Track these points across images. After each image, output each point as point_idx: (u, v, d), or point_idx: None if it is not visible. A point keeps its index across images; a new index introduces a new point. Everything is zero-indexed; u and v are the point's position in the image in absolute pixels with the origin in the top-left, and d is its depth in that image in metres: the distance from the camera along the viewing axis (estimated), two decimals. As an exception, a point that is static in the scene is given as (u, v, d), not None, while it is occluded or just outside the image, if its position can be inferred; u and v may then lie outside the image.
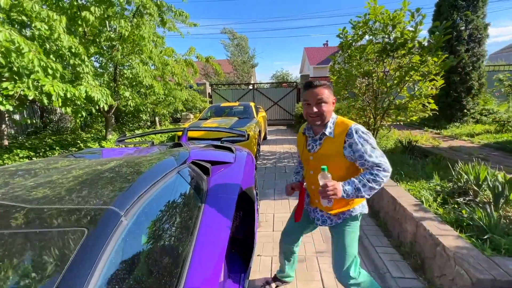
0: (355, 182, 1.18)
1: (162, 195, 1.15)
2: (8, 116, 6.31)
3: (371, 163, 1.20)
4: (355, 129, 1.24)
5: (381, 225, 2.60)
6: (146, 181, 1.09)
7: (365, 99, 5.02)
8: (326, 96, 1.24)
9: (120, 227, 0.81)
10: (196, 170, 1.68)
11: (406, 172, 3.28)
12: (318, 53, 26.24)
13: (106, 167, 1.26)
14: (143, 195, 0.99)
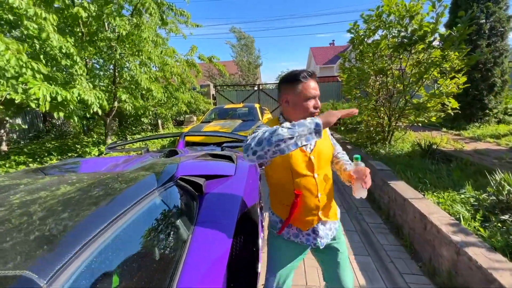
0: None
1: (126, 234, 0.83)
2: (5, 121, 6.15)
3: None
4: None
5: (406, 246, 2.23)
6: (99, 219, 0.77)
7: (379, 99, 4.64)
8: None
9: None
10: (185, 188, 1.36)
11: (429, 180, 2.89)
12: (324, 52, 25.78)
13: (57, 193, 0.94)
14: (89, 245, 0.67)
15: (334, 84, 11.07)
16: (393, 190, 2.61)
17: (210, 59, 6.52)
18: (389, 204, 2.73)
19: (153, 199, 1.06)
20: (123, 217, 0.85)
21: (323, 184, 1.13)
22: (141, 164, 1.71)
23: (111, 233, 0.76)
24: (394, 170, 3.26)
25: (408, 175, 3.11)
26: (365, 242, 2.32)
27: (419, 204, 2.18)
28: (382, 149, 4.58)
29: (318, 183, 1.10)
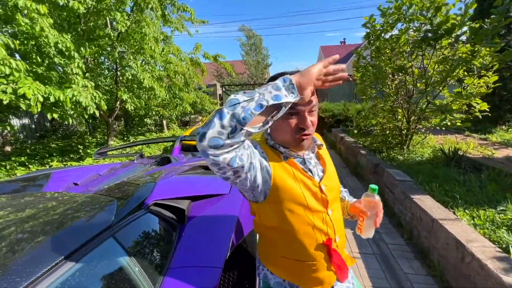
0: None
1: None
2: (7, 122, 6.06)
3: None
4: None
5: (436, 276, 1.87)
6: None
7: (397, 100, 4.23)
8: (315, 97, 0.75)
9: None
10: (161, 216, 1.06)
11: (459, 194, 2.51)
12: (334, 51, 25.16)
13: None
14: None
15: (347, 83, 10.60)
16: (418, 207, 2.24)
17: (215, 57, 6.24)
18: (412, 222, 2.37)
19: (104, 241, 0.76)
20: (50, 276, 0.56)
21: (339, 224, 0.81)
22: (116, 180, 1.43)
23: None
24: (417, 180, 2.88)
25: (433, 187, 2.73)
26: (385, 270, 1.97)
27: (453, 228, 1.81)
28: (399, 155, 4.18)
29: (334, 223, 0.78)
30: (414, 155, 4.15)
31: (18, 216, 0.79)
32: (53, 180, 1.54)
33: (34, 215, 0.80)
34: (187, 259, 0.93)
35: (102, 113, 5.64)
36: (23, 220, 0.76)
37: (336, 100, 9.79)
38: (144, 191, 1.09)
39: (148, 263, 0.85)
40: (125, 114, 9.01)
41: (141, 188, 1.12)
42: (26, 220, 0.76)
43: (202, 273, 0.89)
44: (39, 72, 3.58)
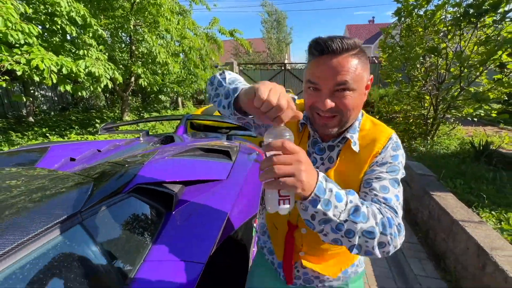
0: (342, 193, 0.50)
1: None
2: (34, 94, 6.27)
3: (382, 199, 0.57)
4: (395, 141, 0.65)
5: (450, 281, 1.71)
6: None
7: (425, 85, 3.85)
8: (355, 74, 0.55)
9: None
10: (143, 202, 0.98)
11: (487, 194, 2.26)
12: (361, 31, 23.58)
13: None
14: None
15: (371, 66, 9.93)
16: (437, 205, 2.04)
17: (231, 32, 5.94)
18: (429, 221, 2.18)
19: (70, 228, 0.68)
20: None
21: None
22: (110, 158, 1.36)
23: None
24: (439, 176, 2.64)
25: (457, 183, 2.49)
26: (393, 269, 1.84)
27: (476, 232, 1.62)
28: (422, 146, 3.87)
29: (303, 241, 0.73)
30: (439, 147, 3.82)
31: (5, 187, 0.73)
32: (50, 154, 1.50)
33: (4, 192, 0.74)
34: (167, 252, 0.85)
35: (117, 88, 5.66)
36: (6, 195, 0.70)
37: (358, 84, 9.25)
38: (128, 173, 1.00)
39: (121, 255, 0.77)
40: (141, 90, 9.07)
41: (125, 169, 1.03)
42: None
43: (180, 267, 0.80)
44: (54, 43, 3.56)
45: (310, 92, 0.60)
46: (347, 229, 0.49)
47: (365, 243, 0.50)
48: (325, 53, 0.55)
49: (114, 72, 3.85)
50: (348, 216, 0.48)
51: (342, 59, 0.54)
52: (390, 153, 0.62)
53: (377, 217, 0.51)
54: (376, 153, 0.63)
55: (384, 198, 0.57)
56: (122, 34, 5.58)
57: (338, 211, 0.48)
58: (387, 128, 0.67)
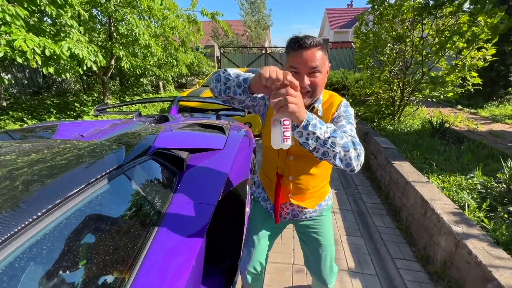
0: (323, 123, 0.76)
1: (82, 218, 0.70)
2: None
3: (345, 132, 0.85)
4: (345, 103, 0.97)
5: (402, 229, 2.15)
6: (43, 202, 0.63)
7: (394, 70, 4.26)
8: (321, 62, 0.84)
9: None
10: (162, 163, 1.22)
11: (436, 162, 2.72)
12: (340, 15, 23.84)
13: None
14: (16, 238, 0.54)
15: (348, 51, 10.33)
16: (396, 171, 2.46)
17: (213, 15, 5.95)
18: (390, 185, 2.61)
19: (117, 177, 0.92)
20: (74, 200, 0.72)
21: (298, 171, 1.01)
22: (119, 133, 1.56)
23: (54, 220, 0.63)
24: (400, 148, 3.08)
25: (414, 155, 2.93)
26: (359, 222, 2.25)
27: (422, 189, 2.04)
28: (390, 125, 4.34)
29: (291, 167, 1.01)
30: (404, 125, 4.31)
31: (34, 157, 0.93)
32: (61, 131, 1.66)
33: (47, 155, 0.94)
34: (187, 196, 1.11)
35: (97, 71, 5.55)
36: (36, 160, 0.90)
37: (335, 68, 9.64)
38: (148, 140, 1.23)
39: (154, 199, 1.02)
40: (120, 73, 8.81)
41: (144, 138, 1.25)
42: (38, 160, 0.90)
43: (198, 208, 1.07)
44: (31, 23, 3.47)
45: (292, 74, 0.80)
46: (331, 142, 0.73)
47: (344, 155, 0.75)
48: (302, 47, 0.82)
49: (97, 55, 3.84)
50: (330, 134, 0.73)
51: (313, 51, 0.82)
52: (342, 110, 0.93)
53: (348, 138, 0.78)
54: (333, 113, 0.94)
55: (343, 131, 0.84)
56: (99, 14, 5.40)
57: (322, 131, 0.72)
58: (339, 97, 0.98)
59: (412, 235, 2.05)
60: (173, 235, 0.93)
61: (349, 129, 0.86)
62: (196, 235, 0.96)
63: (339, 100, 0.96)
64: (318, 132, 0.72)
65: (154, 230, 0.92)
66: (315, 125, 0.72)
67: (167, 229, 0.94)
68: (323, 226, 1.11)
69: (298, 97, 0.69)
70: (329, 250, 1.12)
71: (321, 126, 0.73)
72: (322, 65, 0.85)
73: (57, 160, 0.87)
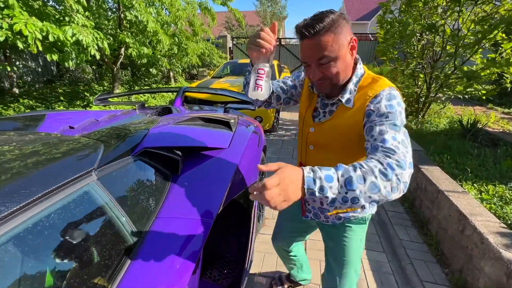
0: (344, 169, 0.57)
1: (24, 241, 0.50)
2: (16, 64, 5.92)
3: (382, 146, 0.64)
4: (387, 93, 0.72)
5: (431, 244, 1.87)
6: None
7: (421, 63, 3.87)
8: (333, 46, 0.69)
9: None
10: (150, 165, 1.00)
11: (471, 168, 2.40)
12: (360, 5, 22.83)
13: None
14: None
15: (366, 43, 9.80)
16: (424, 176, 2.16)
17: (224, 2, 5.66)
18: (416, 192, 2.31)
19: (85, 185, 0.71)
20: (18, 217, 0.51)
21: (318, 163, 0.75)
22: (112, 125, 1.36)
23: None
24: (428, 151, 2.76)
25: (444, 159, 2.61)
26: (381, 234, 1.98)
27: (459, 201, 1.75)
28: (413, 123, 3.98)
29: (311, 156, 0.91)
30: (429, 124, 3.94)
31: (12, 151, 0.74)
32: (48, 122, 1.48)
33: (15, 152, 0.75)
34: (178, 209, 0.90)
35: (107, 60, 5.43)
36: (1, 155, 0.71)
37: (353, 62, 9.16)
38: (135, 137, 1.02)
39: (135, 211, 0.81)
40: (131, 63, 8.71)
41: (131, 134, 1.04)
42: (5, 155, 0.70)
43: (191, 224, 0.85)
44: (35, 7, 3.33)
45: (306, 68, 0.77)
46: (351, 198, 0.54)
47: (375, 197, 0.56)
48: (304, 38, 0.70)
49: (103, 42, 3.67)
50: (346, 188, 0.54)
51: (316, 40, 0.68)
52: (384, 103, 0.70)
53: (375, 171, 0.56)
54: (364, 105, 0.74)
55: (382, 140, 0.65)
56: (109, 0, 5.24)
57: (335, 189, 0.54)
58: (383, 83, 0.75)
59: (443, 253, 1.77)
60: (155, 263, 0.72)
61: (389, 136, 0.65)
62: (188, 259, 0.75)
63: (380, 88, 0.73)
64: (330, 194, 0.54)
65: (127, 260, 0.71)
66: (322, 187, 0.53)
67: (147, 254, 0.73)
68: (346, 240, 0.93)
69: (279, 192, 0.51)
70: (346, 270, 0.96)
71: (330, 185, 0.54)
72: (335, 50, 0.69)
73: (11, 162, 0.67)
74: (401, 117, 0.69)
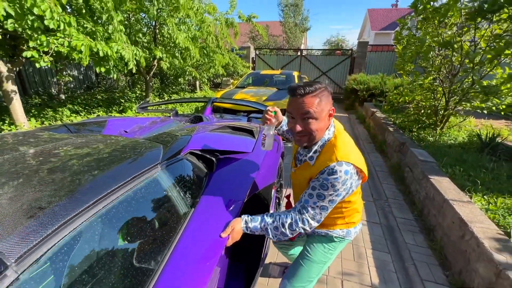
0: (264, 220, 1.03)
1: (117, 213, 0.80)
2: (64, 73, 6.70)
3: (304, 204, 0.98)
4: (330, 169, 0.91)
5: (436, 249, 2.00)
6: (88, 195, 0.74)
7: (438, 77, 3.95)
8: (316, 108, 0.90)
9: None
10: (194, 163, 1.31)
11: (483, 181, 2.48)
12: (383, 16, 22.65)
13: (53, 159, 0.93)
14: (66, 225, 0.64)
15: (388, 54, 9.79)
16: (433, 186, 2.30)
17: (249, 18, 6.07)
18: (425, 201, 2.44)
19: (153, 175, 1.02)
20: (115, 194, 0.82)
21: (297, 193, 1.16)
22: (157, 131, 1.69)
23: (97, 212, 0.73)
24: (440, 163, 2.86)
25: (456, 171, 2.71)
26: (388, 238, 2.15)
27: (462, 209, 1.88)
28: (430, 136, 4.04)
29: (293, 188, 1.19)
30: (447, 137, 3.98)
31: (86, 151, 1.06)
32: (109, 126, 1.86)
33: (98, 150, 1.07)
34: (214, 197, 1.18)
35: (142, 70, 6.00)
36: (88, 154, 1.03)
37: (374, 72, 9.20)
38: (182, 141, 1.33)
39: (187, 194, 1.10)
40: (161, 72, 9.40)
41: (179, 138, 1.35)
42: (90, 154, 1.02)
43: (226, 206, 1.13)
44: (88, 29, 3.88)
45: (289, 120, 0.98)
46: (269, 236, 1.01)
47: (285, 237, 1.00)
48: (294, 96, 0.92)
49: (141, 58, 4.16)
50: (266, 231, 1.01)
51: (305, 99, 0.90)
52: (325, 176, 0.91)
53: (286, 225, 0.98)
54: (318, 171, 0.95)
55: (305, 200, 0.97)
56: (146, 17, 5.84)
57: (259, 232, 1.02)
58: (334, 157, 0.91)
59: (446, 257, 1.90)
60: (203, 229, 1.00)
61: (312, 202, 0.95)
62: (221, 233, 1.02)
63: (331, 160, 0.91)
64: (256, 233, 1.03)
65: (184, 223, 1.00)
66: (251, 230, 1.02)
67: (196, 224, 1.01)
68: (315, 250, 1.16)
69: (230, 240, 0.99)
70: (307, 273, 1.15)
71: (255, 231, 1.02)
72: (317, 111, 0.90)
73: (104, 156, 0.99)
74: (333, 188, 0.90)
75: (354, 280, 1.71)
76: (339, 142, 0.95)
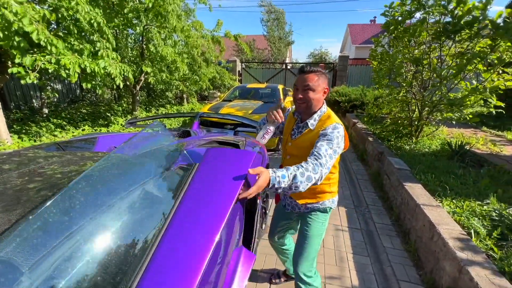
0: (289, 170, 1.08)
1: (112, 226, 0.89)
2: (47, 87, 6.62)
3: (317, 152, 1.13)
4: (333, 125, 1.20)
5: (410, 251, 2.16)
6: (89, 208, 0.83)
7: (411, 90, 4.27)
8: (315, 83, 1.20)
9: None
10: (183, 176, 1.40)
11: (451, 186, 2.70)
12: (363, 30, 23.86)
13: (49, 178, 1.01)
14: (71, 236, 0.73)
15: (368, 68, 10.32)
16: (407, 192, 2.48)
17: (236, 37, 6.33)
18: (401, 206, 2.62)
19: (147, 186, 1.11)
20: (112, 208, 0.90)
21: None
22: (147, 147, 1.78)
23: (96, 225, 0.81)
24: (414, 170, 3.08)
25: (428, 177, 2.92)
26: (367, 242, 2.29)
27: (431, 212, 2.06)
28: (406, 145, 4.31)
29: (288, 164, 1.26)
30: (422, 146, 4.26)
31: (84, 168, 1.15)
32: (99, 143, 1.92)
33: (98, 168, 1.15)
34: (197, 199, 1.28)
35: (128, 84, 6.04)
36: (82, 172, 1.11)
37: (354, 85, 9.65)
38: (173, 156, 1.43)
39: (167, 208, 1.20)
40: (148, 85, 9.45)
41: (171, 154, 1.45)
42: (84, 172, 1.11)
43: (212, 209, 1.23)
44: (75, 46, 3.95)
45: (294, 90, 1.27)
46: (296, 184, 1.04)
47: (310, 184, 1.06)
48: (300, 73, 1.23)
49: (128, 74, 4.24)
50: (293, 180, 1.03)
51: (308, 75, 1.20)
52: (329, 131, 1.18)
53: (309, 168, 1.06)
54: (319, 131, 1.21)
55: (318, 149, 1.13)
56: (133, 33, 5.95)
57: (286, 181, 1.03)
58: (333, 120, 1.23)
59: (420, 258, 2.06)
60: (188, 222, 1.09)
61: (324, 149, 1.13)
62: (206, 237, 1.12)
63: (331, 122, 1.22)
64: (283, 184, 1.03)
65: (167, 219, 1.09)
66: (280, 181, 1.03)
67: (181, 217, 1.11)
68: (311, 221, 1.35)
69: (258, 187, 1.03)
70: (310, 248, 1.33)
71: (284, 180, 1.03)
72: (315, 85, 1.20)
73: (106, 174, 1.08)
74: (337, 140, 1.16)
75: (336, 284, 1.82)
76: (332, 114, 1.28)
